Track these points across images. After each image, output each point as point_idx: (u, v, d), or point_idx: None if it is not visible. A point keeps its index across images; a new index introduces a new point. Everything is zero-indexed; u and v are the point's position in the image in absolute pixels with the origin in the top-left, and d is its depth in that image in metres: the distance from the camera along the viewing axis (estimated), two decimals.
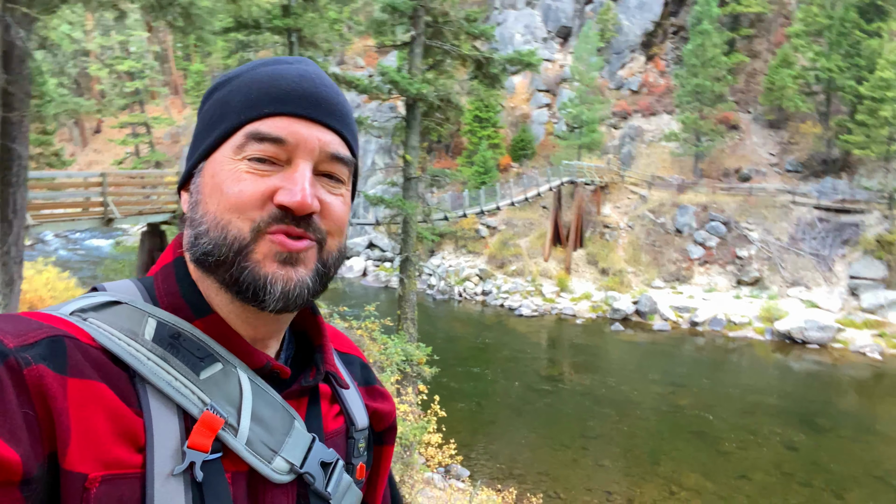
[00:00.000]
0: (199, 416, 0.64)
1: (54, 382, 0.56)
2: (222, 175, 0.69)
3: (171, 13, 8.86)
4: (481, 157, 33.47)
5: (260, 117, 0.69)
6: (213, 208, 0.69)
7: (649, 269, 29.30)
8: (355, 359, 0.94)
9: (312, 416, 0.78)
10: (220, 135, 0.71)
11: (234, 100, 0.71)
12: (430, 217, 15.94)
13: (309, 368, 0.79)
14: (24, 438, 0.53)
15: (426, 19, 13.33)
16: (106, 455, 0.58)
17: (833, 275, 26.29)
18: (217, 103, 0.73)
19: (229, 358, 0.70)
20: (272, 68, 0.73)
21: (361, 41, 47.03)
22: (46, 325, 0.60)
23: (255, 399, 0.70)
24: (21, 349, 0.56)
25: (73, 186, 13.22)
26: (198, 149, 0.73)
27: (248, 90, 0.71)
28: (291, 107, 0.70)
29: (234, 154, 0.69)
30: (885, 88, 24.64)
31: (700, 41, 31.25)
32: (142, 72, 44.93)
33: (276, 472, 0.69)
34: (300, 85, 0.71)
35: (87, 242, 39.85)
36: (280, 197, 0.68)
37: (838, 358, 21.39)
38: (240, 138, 0.70)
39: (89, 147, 58.19)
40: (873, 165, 28.38)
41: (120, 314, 0.67)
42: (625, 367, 20.31)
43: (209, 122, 0.73)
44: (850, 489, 12.42)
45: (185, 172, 0.75)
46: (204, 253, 0.69)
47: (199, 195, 0.71)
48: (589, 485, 12.36)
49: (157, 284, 0.73)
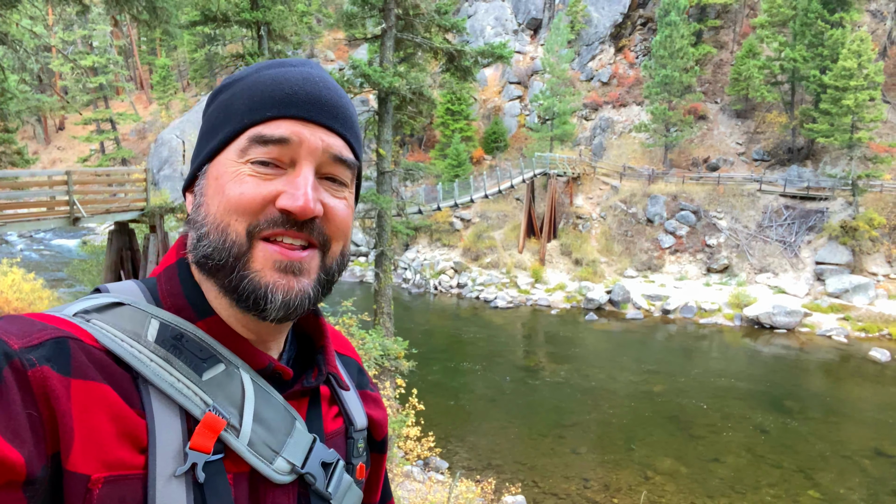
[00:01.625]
0: (202, 417, 0.64)
1: (58, 384, 0.57)
2: (225, 177, 0.69)
3: (136, 6, 8.70)
4: (454, 150, 33.49)
5: (263, 120, 0.69)
6: (213, 210, 0.69)
7: (622, 259, 29.67)
8: (352, 361, 0.94)
9: (313, 417, 0.78)
10: (224, 138, 0.71)
11: (237, 103, 0.71)
12: (404, 211, 15.92)
13: (311, 369, 0.80)
14: (28, 439, 0.54)
15: (397, 12, 13.26)
16: (108, 456, 0.58)
17: (799, 261, 26.92)
18: (221, 106, 0.73)
19: (232, 359, 0.70)
20: (276, 71, 0.72)
21: (331, 34, 46.59)
22: (50, 327, 0.60)
23: (258, 400, 0.70)
24: (26, 350, 0.56)
25: (38, 185, 12.90)
26: (202, 151, 0.74)
27: (252, 93, 0.71)
28: (295, 110, 0.70)
29: (238, 157, 0.69)
30: (847, 78, 25.21)
31: (668, 32, 31.63)
32: (106, 67, 43.92)
33: (277, 472, 0.69)
34: (304, 88, 0.71)
35: (52, 242, 38.93)
36: (282, 201, 0.68)
37: (805, 342, 21.94)
38: (243, 141, 0.69)
39: (52, 145, 56.78)
40: (837, 153, 29.09)
41: (123, 315, 0.67)
42: (599, 355, 20.57)
43: (213, 124, 0.73)
44: (819, 469, 12.78)
45: (190, 175, 0.76)
46: (204, 256, 0.69)
47: (203, 197, 0.72)
48: (566, 473, 12.51)
49: (160, 285, 0.73)
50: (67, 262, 31.11)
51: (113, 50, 47.77)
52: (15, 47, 8.98)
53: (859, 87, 25.08)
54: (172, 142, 45.17)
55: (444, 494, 8.89)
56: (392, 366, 11.02)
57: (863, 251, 25.61)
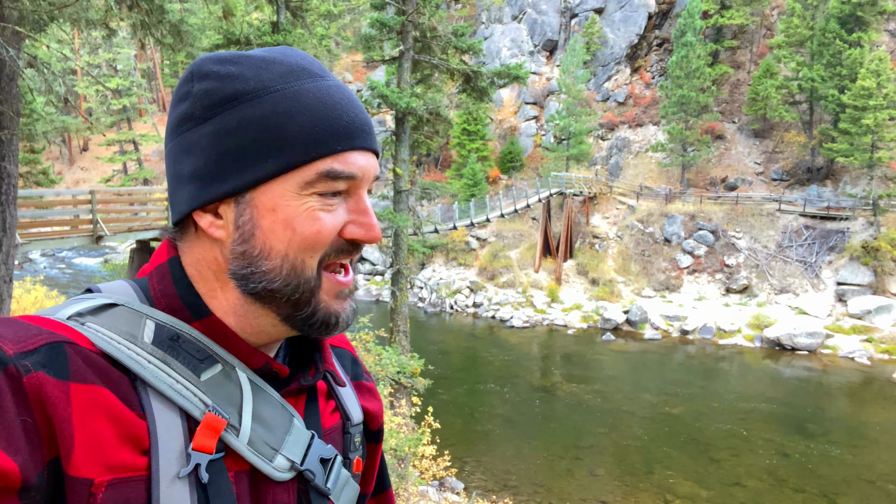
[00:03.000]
0: (202, 417, 0.65)
1: (55, 389, 0.56)
2: (289, 211, 0.67)
3: (161, 30, 8.91)
4: (470, 169, 33.64)
5: (332, 153, 0.67)
6: (281, 247, 0.67)
7: (639, 279, 29.45)
8: (346, 353, 0.94)
9: (310, 414, 0.78)
10: (281, 167, 0.66)
11: (289, 127, 0.66)
12: (420, 230, 15.99)
13: (307, 367, 0.80)
14: (23, 447, 0.54)
15: (414, 34, 13.46)
16: (111, 459, 0.59)
17: (820, 281, 26.54)
18: (255, 124, 0.66)
19: (228, 359, 0.70)
20: (314, 85, 0.68)
21: (350, 56, 47.29)
22: (46, 331, 0.60)
23: (256, 399, 0.70)
24: (21, 356, 0.56)
25: (62, 204, 13.18)
26: (230, 173, 0.67)
27: (309, 119, 0.66)
28: (358, 141, 0.69)
29: (301, 189, 0.67)
30: (866, 97, 25.04)
31: (684, 53, 31.68)
32: (129, 89, 44.88)
33: (277, 470, 0.70)
34: (355, 114, 0.70)
35: (74, 261, 39.55)
36: (354, 232, 0.69)
37: (827, 364, 21.55)
38: (311, 175, 0.66)
39: (76, 165, 57.92)
40: (857, 173, 28.78)
41: (118, 317, 0.66)
42: (617, 376, 20.35)
43: (249, 145, 0.66)
44: (842, 494, 12.48)
45: (213, 195, 0.68)
46: (268, 290, 0.68)
47: (255, 229, 0.68)
48: (583, 495, 12.34)
49: (153, 285, 0.72)
50: (89, 280, 31.55)
51: (136, 73, 48.84)
52: (43, 70, 9.22)
53: (879, 106, 24.89)
54: None
55: None
56: (408, 383, 11.00)
57: (885, 272, 25.20)
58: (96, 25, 8.50)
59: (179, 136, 0.69)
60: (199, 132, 0.67)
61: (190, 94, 0.68)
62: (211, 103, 0.67)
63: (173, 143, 0.70)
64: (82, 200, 12.41)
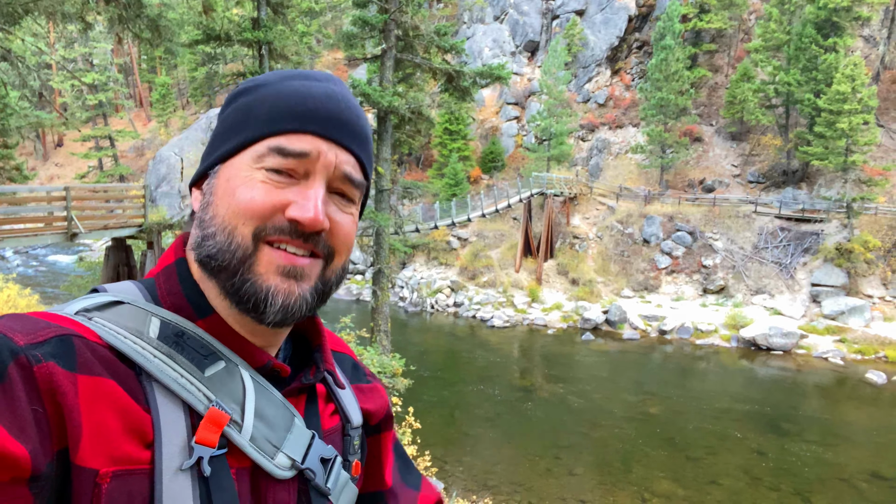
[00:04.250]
0: (205, 412, 0.65)
1: (64, 380, 0.57)
2: (237, 180, 0.70)
3: (139, 25, 8.79)
4: (452, 169, 33.65)
5: (284, 132, 0.70)
6: (222, 212, 0.70)
7: (618, 279, 29.70)
8: (346, 357, 0.95)
9: (311, 414, 0.79)
10: (241, 142, 0.71)
11: (258, 109, 0.72)
12: (402, 229, 15.97)
13: (308, 367, 0.81)
14: (34, 435, 0.54)
15: (397, 33, 13.42)
16: (116, 451, 0.59)
17: (795, 282, 26.99)
18: (240, 109, 0.73)
19: (232, 356, 0.71)
20: (300, 83, 0.73)
21: (331, 54, 47.06)
22: (54, 325, 0.61)
23: (258, 396, 0.71)
24: (31, 347, 0.57)
25: (36, 201, 12.90)
26: (215, 150, 0.74)
27: (275, 103, 0.71)
28: (316, 126, 0.71)
29: (254, 162, 0.70)
30: (841, 101, 25.50)
31: (664, 56, 32.00)
32: (105, 84, 44.22)
33: (278, 467, 0.70)
34: (326, 105, 0.72)
35: (48, 259, 38.83)
36: (292, 211, 0.69)
37: (802, 364, 21.91)
38: (261, 149, 0.70)
39: (51, 161, 56.88)
40: (832, 176, 29.31)
41: (123, 313, 0.68)
42: (596, 376, 20.50)
43: (230, 126, 0.74)
44: (816, 492, 12.70)
45: (200, 171, 0.76)
46: (208, 255, 0.70)
47: (212, 197, 0.72)
48: (563, 494, 12.41)
49: (159, 284, 0.74)
50: (63, 277, 31.00)
51: (113, 68, 48.12)
52: (17, 64, 9.05)
53: (853, 110, 25.35)
54: (171, 159, 45.28)
55: None
56: (389, 383, 10.97)
57: (858, 273, 25.70)
58: (72, 19, 8.36)
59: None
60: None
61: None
62: (228, 100, 0.77)
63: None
64: (57, 197, 12.17)
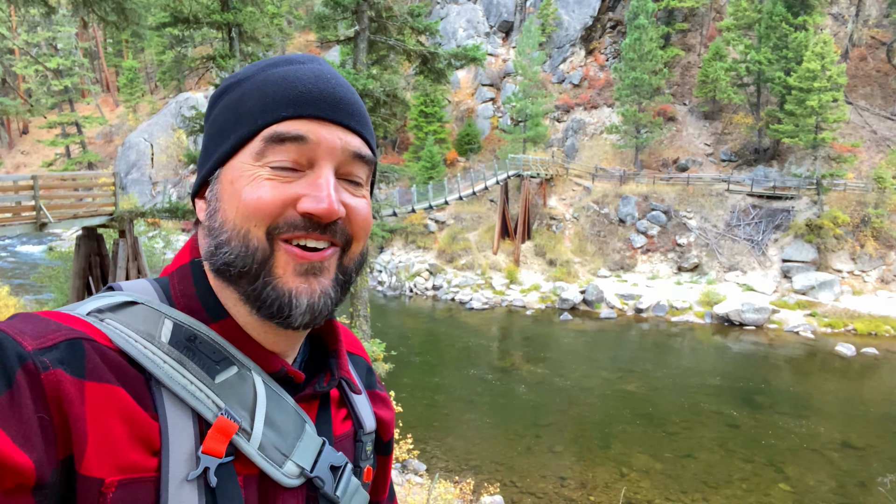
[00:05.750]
0: (214, 420, 0.64)
1: (72, 387, 0.56)
2: (241, 181, 0.67)
3: (104, 8, 8.55)
4: (428, 151, 33.52)
5: (278, 121, 0.67)
6: (231, 216, 0.67)
7: (595, 259, 29.99)
8: (361, 360, 0.93)
9: (323, 420, 0.78)
10: (237, 140, 0.68)
11: (247, 103, 0.69)
12: (379, 213, 15.89)
13: (323, 373, 0.79)
14: (39, 444, 0.53)
15: (370, 14, 13.24)
16: (122, 459, 0.58)
17: (767, 259, 27.51)
18: (228, 107, 0.70)
19: (245, 361, 0.70)
20: (285, 69, 0.70)
21: (303, 36, 46.32)
22: (65, 327, 0.59)
23: (269, 403, 0.70)
24: (40, 352, 0.56)
25: (2, 191, 12.55)
26: (211, 155, 0.71)
27: (263, 93, 0.68)
28: (311, 109, 0.67)
29: (254, 160, 0.67)
30: (811, 79, 25.85)
31: (637, 35, 32.09)
32: (71, 69, 43.04)
33: (286, 476, 0.69)
34: (317, 86, 0.68)
35: (17, 249, 37.98)
36: (305, 205, 0.66)
37: (774, 338, 22.41)
38: (258, 143, 0.67)
39: (16, 149, 55.41)
40: (802, 154, 29.80)
41: (137, 315, 0.66)
42: (574, 355, 20.75)
43: (222, 127, 0.70)
44: (789, 462, 13.06)
45: (200, 180, 0.73)
46: (225, 263, 0.67)
47: (218, 203, 0.69)
48: (543, 472, 12.60)
49: (173, 285, 0.72)
50: (33, 268, 30.37)
51: (78, 52, 46.82)
52: None
53: (823, 88, 25.73)
54: (140, 145, 44.40)
55: (422, 496, 8.89)
56: None
57: (828, 249, 26.27)
58: (34, 2, 8.11)
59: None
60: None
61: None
62: (212, 101, 0.74)
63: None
64: (24, 186, 11.86)
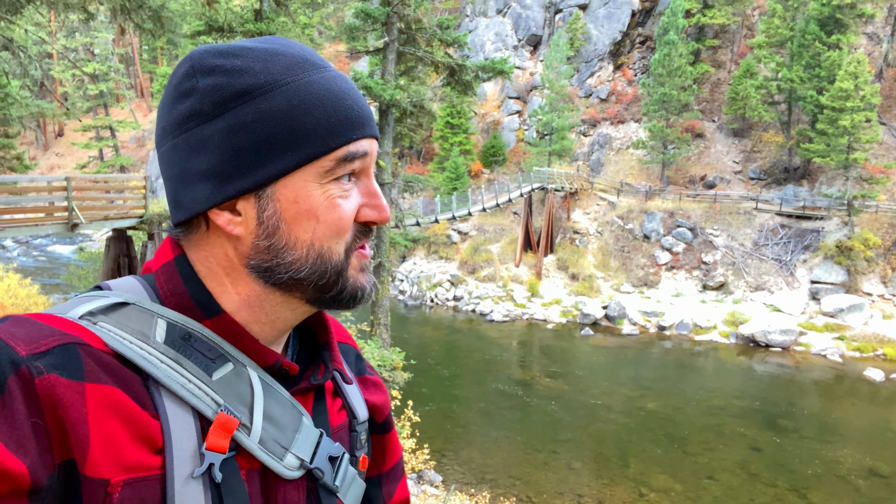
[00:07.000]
0: (214, 417, 0.65)
1: (68, 391, 0.56)
2: (312, 201, 0.68)
3: (141, 15, 8.76)
4: (453, 163, 33.61)
5: (350, 142, 0.69)
6: (306, 236, 0.69)
7: (618, 275, 29.72)
8: (350, 349, 0.95)
9: (319, 412, 0.79)
10: (301, 160, 0.67)
11: (306, 120, 0.67)
12: (402, 223, 15.97)
13: (316, 365, 0.80)
14: (33, 449, 0.54)
15: (399, 26, 13.38)
16: (126, 459, 0.59)
17: (795, 279, 27.00)
18: (273, 119, 0.66)
19: (240, 357, 0.71)
20: (323, 78, 0.69)
21: (333, 46, 46.88)
22: (58, 332, 0.60)
23: (266, 398, 0.71)
24: (33, 357, 0.56)
25: (37, 191, 12.91)
26: (253, 168, 0.67)
27: (324, 111, 0.68)
28: (369, 130, 0.72)
29: (321, 178, 0.68)
30: (844, 99, 25.44)
31: (666, 51, 31.90)
32: (107, 74, 44.12)
33: (287, 468, 0.70)
34: (361, 103, 0.72)
35: (48, 249, 38.86)
36: (369, 214, 0.73)
37: (800, 360, 21.96)
38: (329, 163, 0.68)
39: (51, 151, 56.82)
40: (833, 173, 29.27)
41: (129, 316, 0.66)
42: (595, 370, 20.55)
43: (268, 139, 0.66)
44: (813, 488, 12.75)
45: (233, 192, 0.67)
46: (295, 279, 0.70)
47: (280, 222, 0.68)
48: (560, 488, 12.47)
49: (160, 284, 0.72)
50: (63, 268, 31.03)
51: (114, 58, 48.00)
52: (18, 53, 9.03)
53: (856, 108, 25.31)
54: None
55: None
56: (389, 377, 11.00)
57: (858, 271, 25.71)
58: (74, 8, 8.34)
59: (185, 133, 0.67)
60: (211, 129, 0.66)
61: (195, 89, 0.67)
62: (222, 98, 0.66)
63: (177, 140, 0.68)
64: (58, 187, 12.16)
